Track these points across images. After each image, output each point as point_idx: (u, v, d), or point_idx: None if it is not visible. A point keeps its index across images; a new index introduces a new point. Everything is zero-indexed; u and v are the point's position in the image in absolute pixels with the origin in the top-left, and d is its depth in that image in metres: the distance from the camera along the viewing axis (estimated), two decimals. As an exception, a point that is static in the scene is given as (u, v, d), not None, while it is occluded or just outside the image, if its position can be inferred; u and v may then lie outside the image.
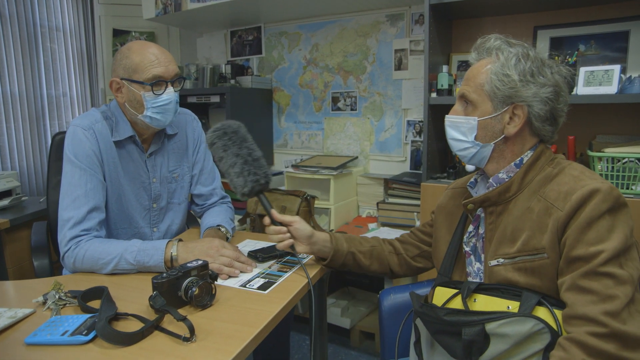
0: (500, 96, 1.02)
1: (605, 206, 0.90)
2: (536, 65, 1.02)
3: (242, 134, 1.26)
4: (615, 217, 0.90)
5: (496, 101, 1.03)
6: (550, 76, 1.02)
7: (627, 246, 0.89)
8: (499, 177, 1.07)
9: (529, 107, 1.02)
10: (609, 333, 0.81)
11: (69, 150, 1.37)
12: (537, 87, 1.01)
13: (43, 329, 0.95)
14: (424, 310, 1.05)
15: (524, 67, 1.01)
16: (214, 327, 0.97)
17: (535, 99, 1.01)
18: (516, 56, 1.02)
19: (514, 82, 1.00)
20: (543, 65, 1.03)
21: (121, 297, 1.11)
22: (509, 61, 1.02)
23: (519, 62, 1.01)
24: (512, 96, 1.02)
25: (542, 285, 0.96)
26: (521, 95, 1.01)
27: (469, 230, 1.14)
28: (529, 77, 1.01)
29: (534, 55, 1.03)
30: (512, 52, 1.03)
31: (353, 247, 1.32)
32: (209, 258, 1.22)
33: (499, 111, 1.04)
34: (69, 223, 1.31)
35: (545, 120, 1.04)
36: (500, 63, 1.02)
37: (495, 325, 0.91)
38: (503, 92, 1.02)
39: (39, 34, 2.83)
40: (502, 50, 1.04)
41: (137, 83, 1.36)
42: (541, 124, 1.04)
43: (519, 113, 1.03)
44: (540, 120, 1.03)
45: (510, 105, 1.03)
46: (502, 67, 1.02)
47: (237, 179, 1.21)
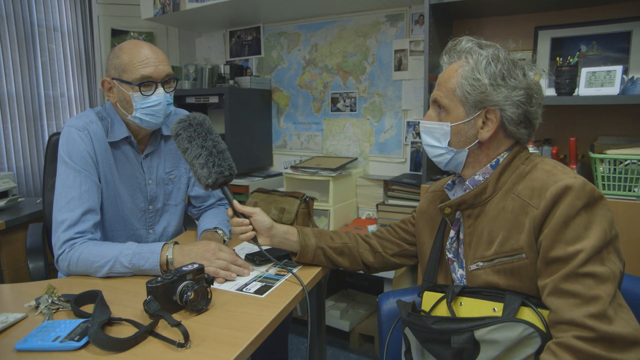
0: (472, 101, 1.01)
1: (580, 203, 0.88)
2: (507, 68, 1.00)
3: (207, 126, 1.24)
4: (591, 213, 0.89)
5: (468, 106, 1.02)
6: (521, 78, 1.00)
7: (607, 241, 0.87)
8: (475, 179, 1.06)
9: (502, 111, 1.00)
10: (596, 337, 0.80)
11: (64, 151, 1.35)
12: (508, 91, 0.99)
13: (34, 334, 0.93)
14: (411, 319, 1.03)
15: (494, 70, 0.99)
16: (209, 333, 0.95)
17: (507, 103, 0.99)
18: (486, 59, 1.00)
19: (485, 86, 0.98)
20: (514, 67, 1.01)
21: (115, 301, 1.09)
22: (479, 64, 1.00)
23: (489, 65, 0.99)
24: (483, 101, 1.00)
25: (523, 285, 0.94)
26: (492, 99, 0.99)
27: (450, 236, 1.12)
28: (500, 80, 0.99)
29: (504, 57, 1.01)
30: (482, 54, 1.01)
31: (322, 243, 1.29)
32: (205, 261, 1.21)
33: (471, 116, 1.02)
34: (63, 225, 1.29)
35: (520, 124, 1.02)
36: (470, 67, 1.01)
37: (485, 331, 0.90)
38: (474, 97, 1.00)
39: (36, 34, 2.81)
40: (472, 53, 1.02)
41: (126, 83, 1.34)
42: (515, 128, 1.02)
43: (491, 117, 1.01)
44: (514, 123, 1.01)
45: (483, 110, 1.01)
46: (472, 70, 1.00)
47: (201, 170, 1.20)
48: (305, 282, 1.19)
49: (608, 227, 0.88)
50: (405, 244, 1.30)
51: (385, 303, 1.31)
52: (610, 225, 0.89)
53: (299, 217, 2.22)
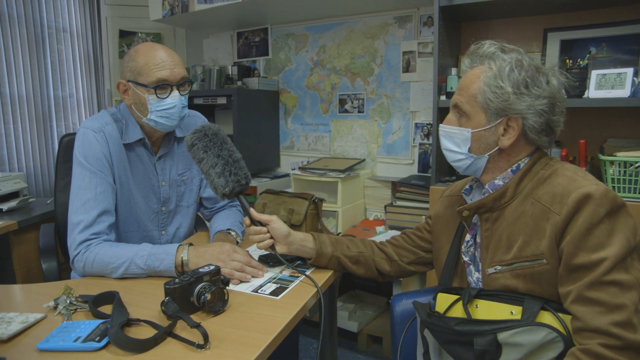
0: (494, 108, 1.00)
1: (602, 210, 0.88)
2: (530, 75, 0.99)
3: (222, 136, 1.25)
4: (614, 220, 0.89)
5: (489, 113, 1.01)
6: (545, 86, 0.99)
7: (631, 248, 0.87)
8: (495, 183, 1.06)
9: (524, 119, 0.99)
10: (622, 345, 0.80)
11: (79, 152, 1.36)
12: (531, 99, 0.98)
13: (55, 334, 0.94)
14: (432, 320, 1.03)
15: (517, 78, 0.98)
16: (227, 334, 0.95)
17: (529, 111, 0.98)
18: (510, 65, 0.99)
19: (507, 94, 0.98)
20: (538, 74, 1.00)
21: (132, 302, 1.10)
22: (502, 71, 0.99)
23: (512, 71, 0.98)
24: (505, 109, 0.99)
25: (543, 291, 0.94)
26: (515, 107, 0.98)
27: (466, 240, 1.12)
28: (523, 88, 0.98)
29: (528, 63, 1.00)
30: (505, 60, 1.00)
31: (338, 251, 1.29)
32: (220, 263, 1.21)
33: (492, 123, 1.01)
34: (78, 227, 1.30)
35: (541, 132, 1.01)
36: (493, 73, 1.00)
37: (508, 334, 0.90)
38: (496, 105, 0.99)
39: (46, 35, 2.83)
40: (495, 59, 1.01)
41: (141, 86, 1.35)
42: (536, 135, 1.01)
43: (513, 125, 1.01)
44: (535, 132, 1.01)
45: (504, 118, 1.00)
46: (494, 77, 0.99)
47: (218, 179, 1.20)
48: (319, 284, 1.20)
49: (631, 234, 0.88)
50: (421, 252, 1.30)
51: (398, 304, 1.32)
52: (633, 232, 0.89)
53: (307, 218, 2.23)
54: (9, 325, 0.96)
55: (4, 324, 0.97)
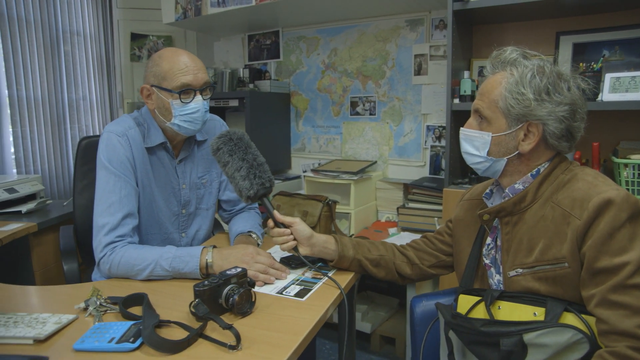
0: (515, 114, 1.02)
1: (624, 215, 0.90)
2: (552, 82, 1.00)
3: (246, 141, 1.29)
4: (635, 225, 0.90)
5: (510, 118, 1.03)
6: (566, 93, 1.00)
7: None
8: (515, 187, 1.07)
9: (544, 125, 1.01)
10: None
11: (104, 156, 1.39)
12: (552, 106, 0.99)
13: (89, 335, 0.96)
14: (458, 321, 1.05)
15: (538, 84, 0.99)
16: (257, 335, 0.97)
17: (550, 118, 1.00)
18: (531, 71, 1.00)
19: (529, 100, 0.99)
20: (559, 81, 1.01)
21: (158, 304, 1.12)
22: (523, 77, 1.00)
23: (533, 78, 1.00)
24: (526, 115, 1.01)
25: (565, 293, 0.96)
26: (536, 114, 1.00)
27: (487, 243, 1.14)
28: (544, 95, 0.99)
29: (549, 70, 1.01)
30: (527, 66, 1.02)
31: (360, 254, 1.31)
32: (244, 265, 1.23)
33: (513, 128, 1.03)
34: (104, 229, 1.33)
35: (561, 138, 1.03)
36: (515, 79, 1.01)
37: (534, 335, 0.92)
38: (517, 111, 1.01)
39: (60, 39, 2.86)
40: (517, 65, 1.03)
41: (165, 91, 1.37)
42: (557, 141, 1.03)
43: (533, 131, 1.02)
44: (556, 137, 1.02)
45: (525, 123, 1.02)
46: (516, 84, 1.01)
47: (242, 182, 1.23)
48: (342, 286, 1.22)
49: None
50: (442, 255, 1.32)
51: (418, 306, 1.33)
52: None
53: (321, 220, 2.25)
54: (44, 326, 0.99)
55: (39, 324, 0.99)
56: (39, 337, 0.94)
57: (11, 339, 0.95)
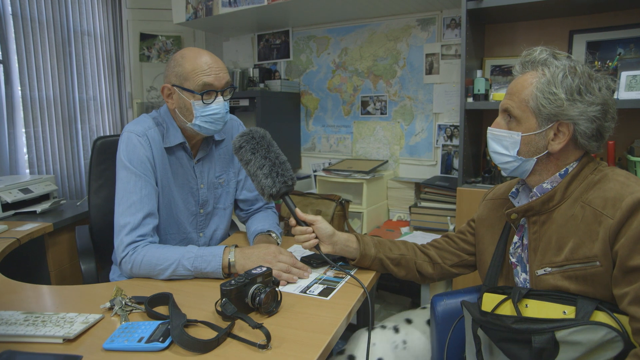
0: (546, 114, 1.01)
1: None
2: (584, 82, 0.99)
3: (268, 139, 1.29)
4: None
5: (541, 118, 1.02)
6: (598, 93, 1.00)
7: None
8: (543, 187, 1.07)
9: (575, 125, 1.00)
10: None
11: (124, 156, 1.39)
12: (584, 106, 0.99)
13: (118, 334, 0.96)
14: (487, 318, 1.05)
15: (570, 84, 0.99)
16: (285, 334, 0.97)
17: (581, 118, 0.99)
18: (563, 71, 1.00)
19: (561, 100, 0.99)
20: (590, 81, 1.00)
21: (183, 303, 1.12)
22: (555, 77, 1.00)
23: (565, 78, 0.99)
24: (557, 114, 1.00)
25: (596, 292, 0.96)
26: (567, 114, 0.99)
27: (514, 241, 1.14)
28: (576, 95, 0.99)
29: (581, 70, 1.01)
30: (558, 67, 1.01)
31: (381, 253, 1.31)
32: (266, 264, 1.23)
33: (543, 128, 1.03)
34: (125, 229, 1.33)
35: (591, 137, 1.02)
36: (547, 79, 1.01)
37: (566, 333, 0.91)
38: (549, 110, 1.00)
39: (72, 39, 2.87)
40: (548, 65, 1.02)
41: (187, 91, 1.38)
42: (587, 141, 1.02)
43: (564, 130, 1.02)
44: (586, 137, 1.02)
45: (555, 123, 1.02)
46: (548, 84, 1.00)
47: (265, 180, 1.24)
48: (365, 284, 1.22)
49: None
50: (465, 254, 1.32)
51: (439, 304, 1.33)
52: None
53: (334, 220, 2.25)
54: (72, 325, 0.99)
55: (67, 323, 1.00)
56: (68, 336, 0.95)
57: (41, 337, 0.95)
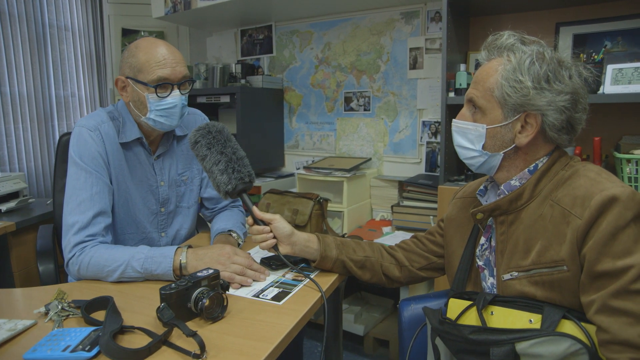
0: (512, 104, 0.93)
1: (629, 214, 0.81)
2: (552, 69, 0.92)
3: (226, 134, 1.22)
4: None
5: (507, 109, 0.94)
6: (567, 81, 0.92)
7: None
8: (510, 184, 0.99)
9: (543, 116, 0.93)
10: None
11: (74, 151, 1.31)
12: (552, 95, 0.91)
13: (43, 343, 0.88)
14: (445, 327, 0.97)
15: (538, 71, 0.91)
16: (225, 343, 0.90)
17: (550, 108, 0.91)
18: (530, 57, 0.92)
19: (527, 89, 0.91)
20: (560, 68, 0.93)
21: (127, 307, 1.05)
22: (521, 64, 0.92)
23: (532, 64, 0.91)
24: (524, 104, 0.92)
25: (563, 299, 0.88)
26: (534, 103, 0.92)
27: (480, 243, 1.06)
28: (544, 83, 0.91)
29: (550, 56, 0.93)
30: (526, 52, 0.93)
31: (343, 255, 1.23)
32: (220, 266, 1.16)
33: (509, 119, 0.95)
34: (73, 228, 1.26)
35: (561, 130, 0.94)
36: (512, 66, 0.93)
37: (527, 345, 0.84)
38: (514, 100, 0.93)
39: (47, 34, 2.79)
40: (514, 51, 0.94)
41: (141, 84, 1.30)
42: (556, 134, 0.95)
43: (531, 122, 0.94)
44: (555, 129, 0.94)
45: (522, 114, 0.94)
46: (513, 71, 0.92)
47: (220, 177, 1.17)
48: (324, 288, 1.14)
49: None
50: (434, 257, 1.23)
51: (407, 309, 1.26)
52: None
53: (312, 219, 2.17)
54: (-4, 333, 0.91)
55: (-9, 331, 0.92)
56: (-13, 345, 0.87)
57: (-43, 347, 0.88)
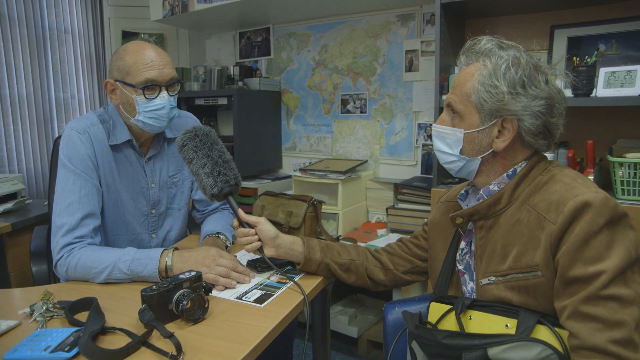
0: (488, 109, 0.94)
1: (601, 220, 0.81)
2: (528, 74, 0.92)
3: (213, 137, 1.23)
4: (614, 231, 0.82)
5: (483, 114, 0.95)
6: (543, 86, 0.93)
7: (632, 261, 0.80)
8: (489, 188, 1.00)
9: (519, 121, 0.93)
10: None
11: (63, 154, 1.33)
12: (528, 100, 0.92)
13: (25, 343, 0.90)
14: (420, 332, 0.97)
15: (513, 77, 0.92)
16: (204, 344, 0.91)
17: (525, 113, 0.92)
18: (506, 62, 0.93)
19: (502, 94, 0.91)
20: (536, 73, 0.93)
21: (112, 308, 1.06)
22: (497, 69, 0.93)
23: (508, 70, 0.92)
24: (500, 109, 0.93)
25: (538, 304, 0.88)
26: (510, 108, 0.92)
27: (461, 247, 1.07)
28: (519, 88, 0.92)
29: (525, 61, 0.93)
30: (502, 57, 0.94)
31: (328, 258, 1.24)
32: (204, 268, 1.17)
33: (486, 124, 0.95)
34: (61, 230, 1.27)
35: (538, 135, 0.95)
36: (488, 71, 0.94)
37: (499, 350, 0.84)
38: (490, 105, 0.93)
39: (47, 37, 2.82)
40: (491, 56, 0.95)
41: (129, 86, 1.32)
42: (533, 138, 0.95)
43: (508, 127, 0.94)
44: (532, 134, 0.94)
45: (499, 119, 0.94)
46: (489, 76, 0.93)
47: (206, 180, 1.18)
48: (308, 291, 1.15)
49: (632, 246, 0.81)
50: (418, 260, 1.24)
51: (391, 312, 1.26)
52: (634, 244, 0.82)
53: (306, 221, 2.18)
54: (-21, 333, 0.93)
55: (-25, 331, 0.94)
56: (-32, 345, 0.89)
57: (-61, 347, 0.89)
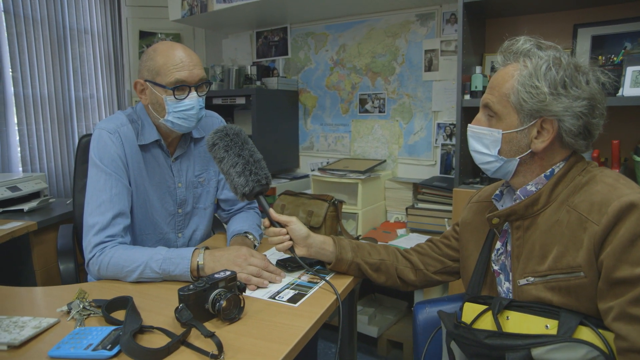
0: (528, 109, 0.93)
1: None
2: (569, 74, 0.91)
3: (243, 137, 1.23)
4: None
5: (523, 114, 0.94)
6: (585, 87, 0.92)
7: None
8: (527, 189, 0.99)
9: (560, 122, 0.92)
10: None
11: (95, 154, 1.35)
12: (569, 101, 0.91)
13: (67, 341, 0.91)
14: (460, 332, 0.97)
15: (554, 77, 0.91)
16: (242, 344, 0.91)
17: (566, 114, 0.91)
18: (547, 63, 0.92)
19: (544, 94, 0.91)
20: (577, 73, 0.92)
21: (146, 307, 1.07)
22: (538, 70, 0.92)
23: (549, 70, 0.91)
24: (540, 110, 0.92)
25: (580, 305, 0.87)
26: (551, 109, 0.91)
27: (496, 248, 1.06)
28: (561, 88, 0.91)
29: (566, 61, 0.93)
30: (542, 58, 0.93)
31: (359, 258, 1.24)
32: (236, 267, 1.18)
33: (525, 125, 0.95)
34: (93, 229, 1.28)
35: (578, 135, 0.94)
36: (528, 71, 0.93)
37: (543, 350, 0.83)
38: (530, 105, 0.93)
39: (67, 37, 2.85)
40: (530, 56, 0.94)
41: (159, 86, 1.33)
42: (573, 139, 0.94)
43: (547, 127, 0.94)
44: (572, 135, 0.93)
45: (538, 119, 0.94)
46: (530, 76, 0.92)
47: (238, 179, 1.18)
48: (339, 291, 1.15)
49: None
50: (449, 261, 1.24)
51: (421, 313, 1.26)
52: None
53: (327, 221, 2.18)
54: (21, 330, 0.94)
55: (17, 328, 0.95)
56: (13, 342, 0.90)
57: (-15, 344, 0.90)
